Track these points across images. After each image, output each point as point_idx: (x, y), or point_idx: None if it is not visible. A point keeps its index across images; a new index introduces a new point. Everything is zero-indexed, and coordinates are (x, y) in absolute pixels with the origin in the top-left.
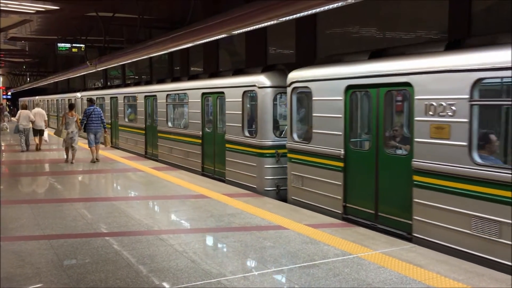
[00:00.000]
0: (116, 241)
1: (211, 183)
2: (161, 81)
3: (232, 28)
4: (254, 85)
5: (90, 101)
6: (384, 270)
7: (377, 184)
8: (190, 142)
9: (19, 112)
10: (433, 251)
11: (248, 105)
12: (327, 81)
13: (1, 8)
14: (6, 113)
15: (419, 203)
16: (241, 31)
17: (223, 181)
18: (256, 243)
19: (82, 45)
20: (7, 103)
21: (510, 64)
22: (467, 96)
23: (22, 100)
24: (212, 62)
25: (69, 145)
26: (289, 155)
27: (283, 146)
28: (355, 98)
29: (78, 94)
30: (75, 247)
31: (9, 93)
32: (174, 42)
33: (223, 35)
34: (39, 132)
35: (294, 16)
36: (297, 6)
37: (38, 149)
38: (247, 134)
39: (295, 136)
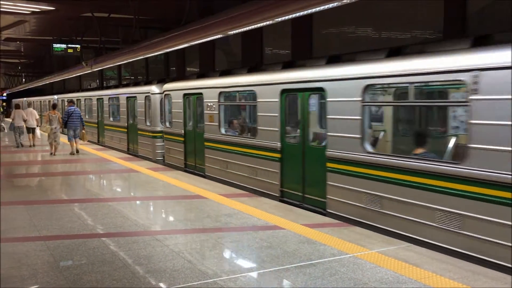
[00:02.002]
0: (113, 242)
1: (209, 184)
2: (108, 87)
3: (228, 29)
4: (149, 92)
5: (71, 102)
6: (380, 269)
7: (195, 149)
8: (121, 131)
9: (13, 111)
10: (430, 250)
11: (147, 105)
12: (176, 91)
13: None
14: None
15: (206, 156)
16: (236, 31)
17: (137, 156)
18: (253, 243)
19: (78, 46)
20: (3, 104)
21: (228, 85)
22: (217, 100)
23: (16, 100)
24: (208, 62)
25: (52, 140)
26: (164, 135)
27: None
28: (188, 100)
29: (55, 97)
30: (71, 248)
31: (4, 94)
32: (170, 42)
33: (219, 36)
34: (31, 130)
35: (290, 16)
36: (292, 7)
37: (31, 145)
38: (148, 124)
39: (167, 123)
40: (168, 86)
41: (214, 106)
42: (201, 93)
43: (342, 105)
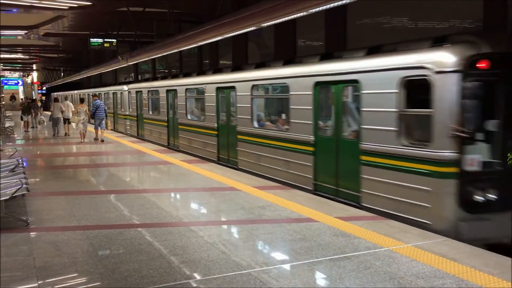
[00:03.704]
0: (148, 232)
1: (243, 176)
2: (106, 85)
3: (261, 21)
4: (122, 90)
5: (95, 96)
6: (416, 263)
7: (142, 124)
8: (110, 116)
9: (52, 104)
10: (467, 245)
11: (122, 98)
12: (133, 89)
13: (36, 5)
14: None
15: (145, 128)
16: (269, 23)
17: (118, 132)
18: (287, 236)
19: (114, 40)
20: (41, 97)
21: (151, 86)
22: (147, 95)
23: (55, 94)
24: (241, 55)
25: (80, 129)
26: (129, 117)
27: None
28: (137, 95)
29: (75, 91)
30: (109, 238)
31: (44, 88)
32: (203, 35)
33: (252, 28)
34: (67, 121)
35: (324, 7)
36: None
37: (66, 134)
38: (122, 110)
39: (130, 110)
40: (130, 86)
41: (146, 98)
42: (141, 91)
43: (243, 97)
